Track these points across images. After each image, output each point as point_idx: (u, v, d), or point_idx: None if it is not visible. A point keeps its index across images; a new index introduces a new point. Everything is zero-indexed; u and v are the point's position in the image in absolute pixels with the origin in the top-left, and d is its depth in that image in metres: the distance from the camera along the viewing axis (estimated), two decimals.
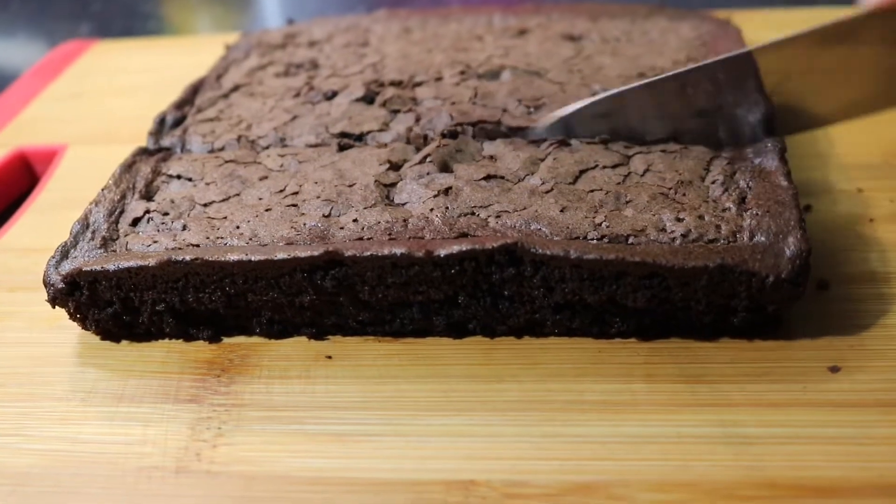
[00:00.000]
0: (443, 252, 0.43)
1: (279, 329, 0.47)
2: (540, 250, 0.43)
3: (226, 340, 0.47)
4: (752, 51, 0.50)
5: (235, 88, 0.62)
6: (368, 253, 0.43)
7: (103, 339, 0.48)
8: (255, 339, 0.47)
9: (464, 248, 0.43)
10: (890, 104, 0.50)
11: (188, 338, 0.47)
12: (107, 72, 0.78)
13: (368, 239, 0.45)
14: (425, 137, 0.53)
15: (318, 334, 0.47)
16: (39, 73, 0.79)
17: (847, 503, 0.36)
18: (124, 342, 0.47)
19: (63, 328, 0.48)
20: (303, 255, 0.44)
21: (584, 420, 0.40)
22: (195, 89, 0.62)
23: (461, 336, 0.46)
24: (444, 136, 0.52)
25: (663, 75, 0.52)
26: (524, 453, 0.39)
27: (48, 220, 0.58)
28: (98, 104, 0.72)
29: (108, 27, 0.95)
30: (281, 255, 0.44)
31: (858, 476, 0.37)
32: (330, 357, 0.45)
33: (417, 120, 0.55)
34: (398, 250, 0.43)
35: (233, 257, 0.44)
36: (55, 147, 0.66)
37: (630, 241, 0.44)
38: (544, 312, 0.45)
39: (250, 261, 0.44)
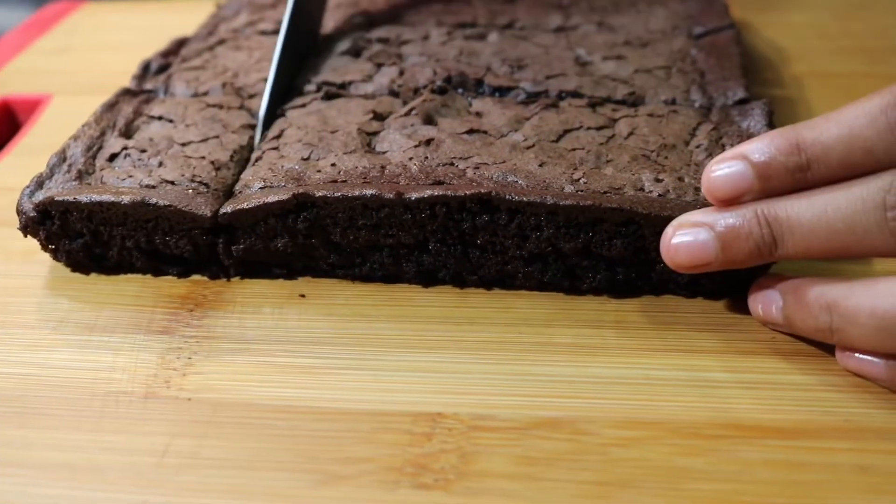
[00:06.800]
0: (414, 195, 0.43)
1: (249, 270, 0.47)
2: (515, 198, 0.42)
3: (200, 277, 0.47)
4: None
5: (222, 42, 0.61)
6: (339, 194, 0.43)
7: (73, 270, 0.47)
8: None
9: (435, 194, 0.43)
10: None
11: (157, 273, 0.47)
12: (95, 29, 0.78)
13: (343, 182, 0.45)
14: (415, 90, 0.53)
15: (290, 275, 0.47)
16: (27, 29, 0.78)
17: (810, 444, 0.36)
18: (98, 276, 0.47)
19: (37, 262, 0.48)
20: (272, 199, 0.44)
21: (553, 361, 0.40)
22: (181, 42, 0.62)
23: (431, 284, 0.46)
24: (432, 91, 0.52)
25: None
26: (492, 389, 0.39)
27: (30, 162, 0.57)
28: (85, 58, 0.72)
29: None
30: (253, 203, 0.44)
31: (823, 419, 0.37)
32: (304, 296, 0.45)
33: (401, 73, 0.55)
34: (368, 191, 0.43)
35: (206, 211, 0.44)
36: (40, 96, 0.66)
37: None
38: (516, 264, 0.44)
39: (225, 213, 0.44)
